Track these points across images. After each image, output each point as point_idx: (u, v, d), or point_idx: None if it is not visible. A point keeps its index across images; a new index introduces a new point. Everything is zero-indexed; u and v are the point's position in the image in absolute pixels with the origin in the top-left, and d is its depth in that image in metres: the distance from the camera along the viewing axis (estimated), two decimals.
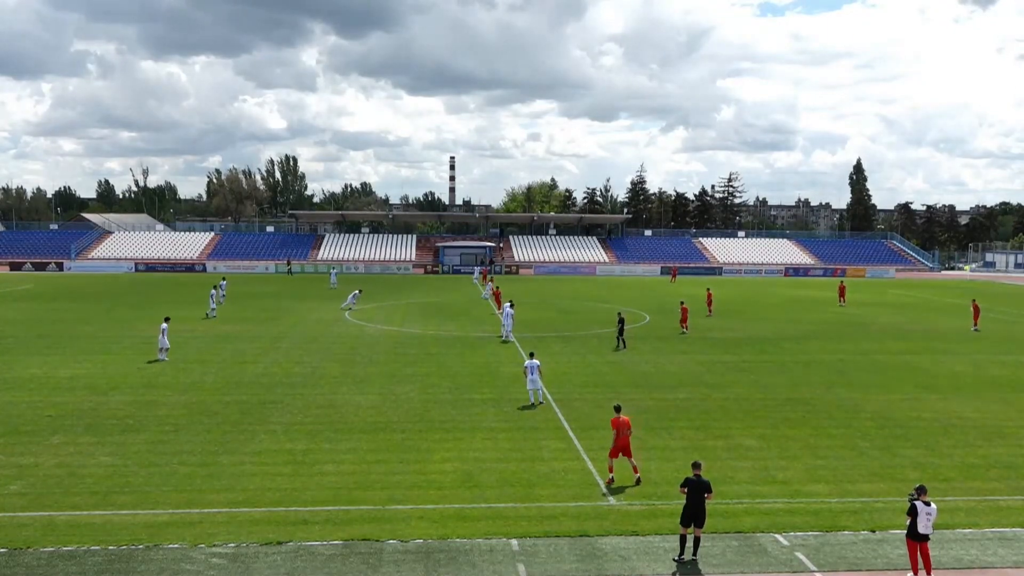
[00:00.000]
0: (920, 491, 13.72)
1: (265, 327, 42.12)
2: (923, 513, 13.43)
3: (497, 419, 23.39)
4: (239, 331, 40.63)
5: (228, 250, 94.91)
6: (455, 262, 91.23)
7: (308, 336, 39.04)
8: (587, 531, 15.26)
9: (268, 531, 15.05)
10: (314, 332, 40.31)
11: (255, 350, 34.71)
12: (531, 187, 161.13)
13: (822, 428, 22.79)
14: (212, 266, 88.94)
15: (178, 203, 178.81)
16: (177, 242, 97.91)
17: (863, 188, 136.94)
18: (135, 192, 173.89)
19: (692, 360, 33.28)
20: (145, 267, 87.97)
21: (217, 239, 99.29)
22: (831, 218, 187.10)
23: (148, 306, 51.77)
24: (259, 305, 53.13)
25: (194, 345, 35.92)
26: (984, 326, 46.08)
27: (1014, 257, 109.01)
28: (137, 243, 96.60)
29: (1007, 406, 25.77)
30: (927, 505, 13.47)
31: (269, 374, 29.28)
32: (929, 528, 13.48)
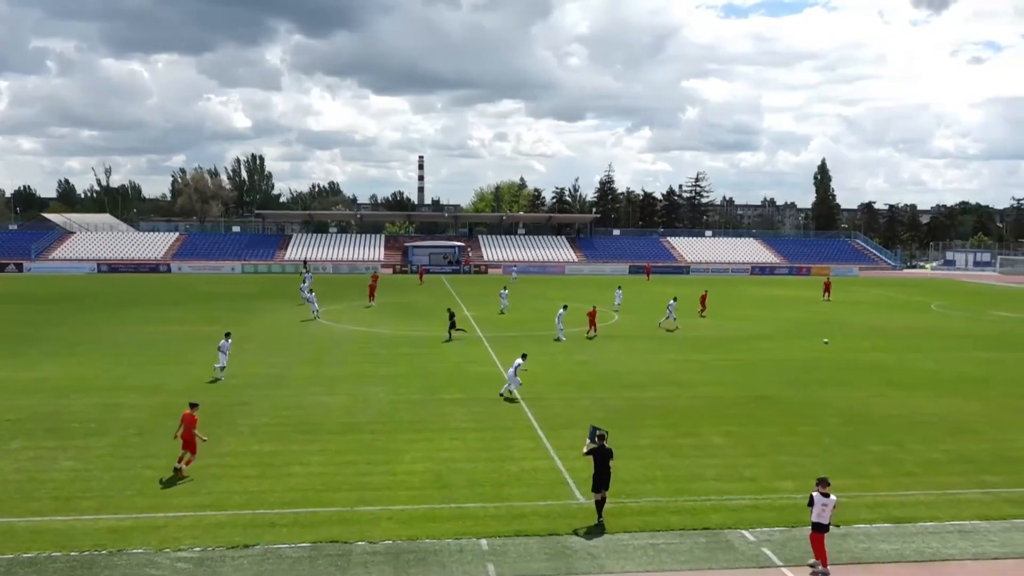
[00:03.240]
0: (820, 483, 14.04)
1: (232, 328, 41.56)
2: (819, 503, 13.83)
3: (467, 419, 23.35)
4: (206, 332, 40.09)
5: (193, 250, 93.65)
6: (424, 262, 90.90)
7: (276, 337, 38.67)
8: (556, 530, 15.29)
9: (235, 534, 14.88)
10: (282, 333, 39.93)
11: None
12: (500, 187, 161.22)
13: (790, 425, 23.07)
14: (177, 267, 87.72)
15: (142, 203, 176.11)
16: (141, 242, 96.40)
17: (827, 188, 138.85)
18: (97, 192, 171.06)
19: (662, 359, 33.50)
20: (108, 268, 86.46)
21: (182, 239, 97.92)
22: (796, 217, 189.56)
23: (112, 307, 50.93)
24: (227, 306, 52.50)
25: (161, 346, 35.40)
26: (946, 324, 47.05)
27: (973, 255, 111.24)
28: (100, 243, 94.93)
29: (970, 401, 26.29)
30: (825, 496, 13.79)
31: (236, 376, 28.95)
32: (824, 518, 13.78)
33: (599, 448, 15.80)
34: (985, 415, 24.48)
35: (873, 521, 15.97)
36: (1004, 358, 35.10)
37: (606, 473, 15.70)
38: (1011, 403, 26.16)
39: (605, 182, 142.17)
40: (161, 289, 65.09)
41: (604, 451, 15.76)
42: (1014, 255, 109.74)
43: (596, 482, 15.75)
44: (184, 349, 34.85)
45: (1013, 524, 15.93)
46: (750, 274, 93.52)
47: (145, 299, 56.70)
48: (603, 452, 15.75)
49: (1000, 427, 23.10)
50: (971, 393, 27.60)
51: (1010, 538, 15.29)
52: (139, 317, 46.04)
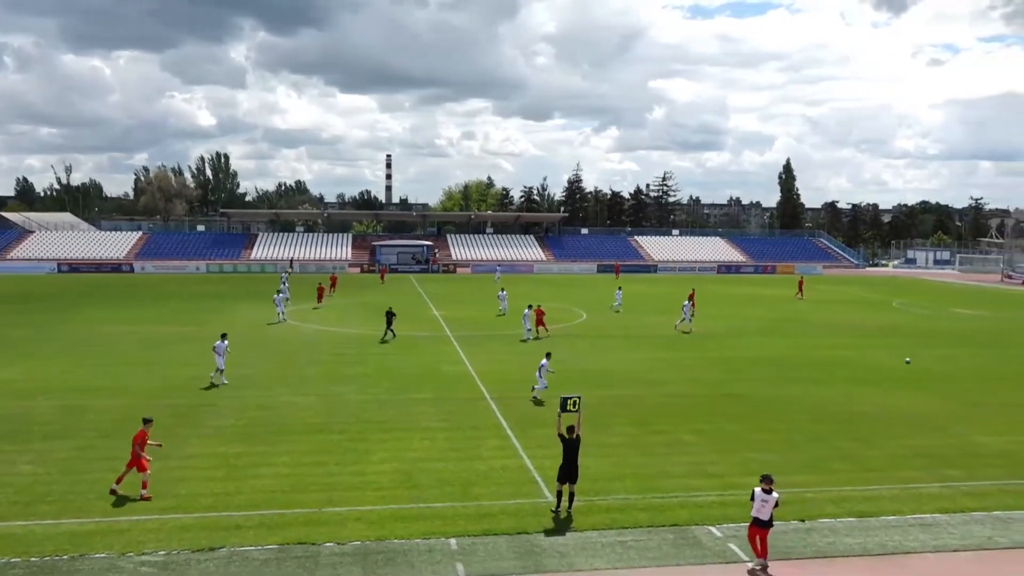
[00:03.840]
0: (764, 480, 14.27)
1: (200, 328, 41.10)
2: (759, 500, 14.07)
3: (436, 419, 23.30)
4: (172, 333, 39.58)
5: (157, 250, 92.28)
6: (392, 261, 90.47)
7: (244, 337, 38.19)
8: (525, 528, 15.31)
9: (200, 537, 14.69)
10: (250, 333, 39.49)
11: (189, 352, 33.82)
12: (468, 186, 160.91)
13: (757, 422, 23.33)
14: (140, 266, 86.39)
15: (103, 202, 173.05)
16: (103, 242, 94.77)
17: (792, 187, 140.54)
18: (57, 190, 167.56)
19: (632, 357, 33.68)
20: (68, 268, 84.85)
21: (145, 239, 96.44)
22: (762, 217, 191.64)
23: (74, 308, 50.02)
24: (192, 306, 51.83)
25: (126, 348, 34.84)
26: (909, 321, 47.91)
27: (933, 254, 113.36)
28: (60, 243, 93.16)
29: (933, 397, 26.79)
30: (766, 493, 14.03)
31: (203, 377, 28.57)
32: (763, 514, 13.99)
33: (567, 440, 16.07)
34: (946, 411, 24.96)
35: (838, 516, 16.21)
36: (963, 354, 35.82)
37: (574, 466, 15.90)
38: (971, 399, 26.71)
39: (573, 181, 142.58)
40: (124, 289, 64.07)
41: (571, 443, 16.01)
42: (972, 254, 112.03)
43: (562, 474, 15.97)
44: (149, 350, 34.33)
45: (971, 517, 16.27)
46: (717, 273, 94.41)
47: (108, 299, 55.78)
48: (570, 444, 15.99)
49: (960, 422, 23.57)
50: (933, 389, 28.13)
51: (968, 531, 15.61)
52: (102, 318, 45.27)
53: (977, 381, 29.76)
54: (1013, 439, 21.83)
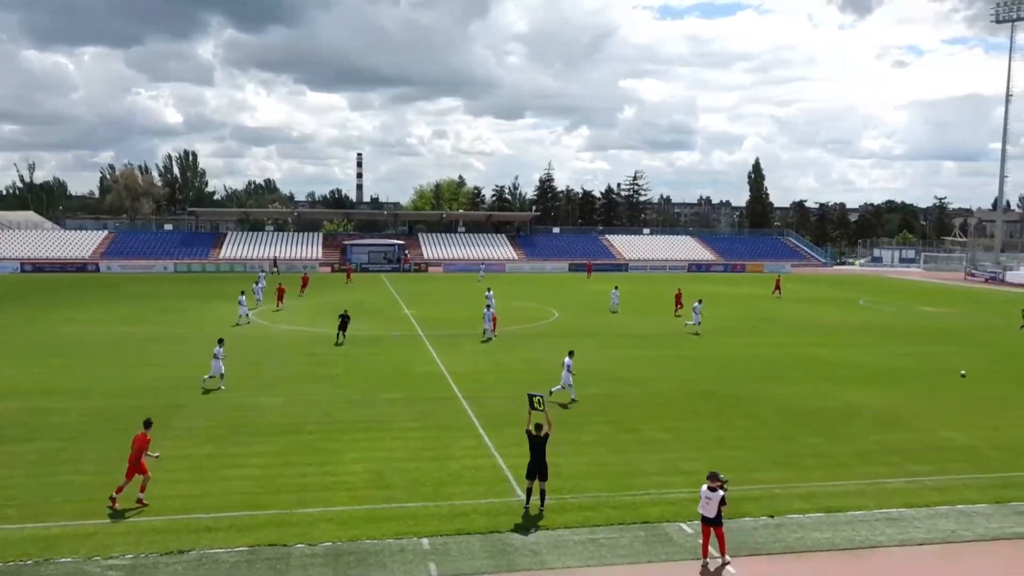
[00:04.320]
0: (709, 477, 14.36)
1: (169, 328, 40.60)
2: (703, 497, 14.15)
3: (408, 418, 23.23)
4: (140, 333, 39.04)
5: (123, 249, 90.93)
6: (363, 260, 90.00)
7: (214, 338, 37.75)
8: (498, 527, 15.32)
9: (169, 540, 14.51)
10: (219, 334, 38.99)
11: (157, 353, 33.44)
12: (439, 184, 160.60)
13: (729, 420, 23.55)
14: (106, 266, 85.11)
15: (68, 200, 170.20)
16: (67, 241, 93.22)
17: (761, 187, 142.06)
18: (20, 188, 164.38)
19: (604, 356, 33.81)
20: (32, 267, 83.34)
21: (111, 238, 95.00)
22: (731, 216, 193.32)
23: (39, 308, 49.14)
24: (160, 306, 51.16)
25: (92, 348, 34.31)
26: (875, 319, 48.61)
27: (898, 252, 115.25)
28: (23, 242, 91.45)
29: (898, 393, 27.21)
30: (711, 491, 14.07)
31: (172, 377, 28.25)
32: (709, 511, 14.06)
33: (533, 436, 16.21)
34: (912, 407, 25.37)
35: (806, 511, 16.41)
36: (929, 351, 36.43)
37: (541, 462, 16.02)
38: (936, 395, 27.17)
39: (545, 180, 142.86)
40: (90, 289, 63.07)
41: (538, 440, 16.15)
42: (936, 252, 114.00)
43: (530, 471, 16.11)
44: (116, 351, 33.85)
45: (936, 511, 16.55)
46: (687, 271, 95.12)
47: (73, 300, 54.88)
48: (537, 441, 16.13)
49: (925, 418, 23.98)
50: (899, 385, 28.58)
51: (934, 524, 15.89)
52: (67, 318, 44.55)
53: (942, 377, 30.28)
54: (976, 434, 22.26)
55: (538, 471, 16.05)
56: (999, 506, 16.87)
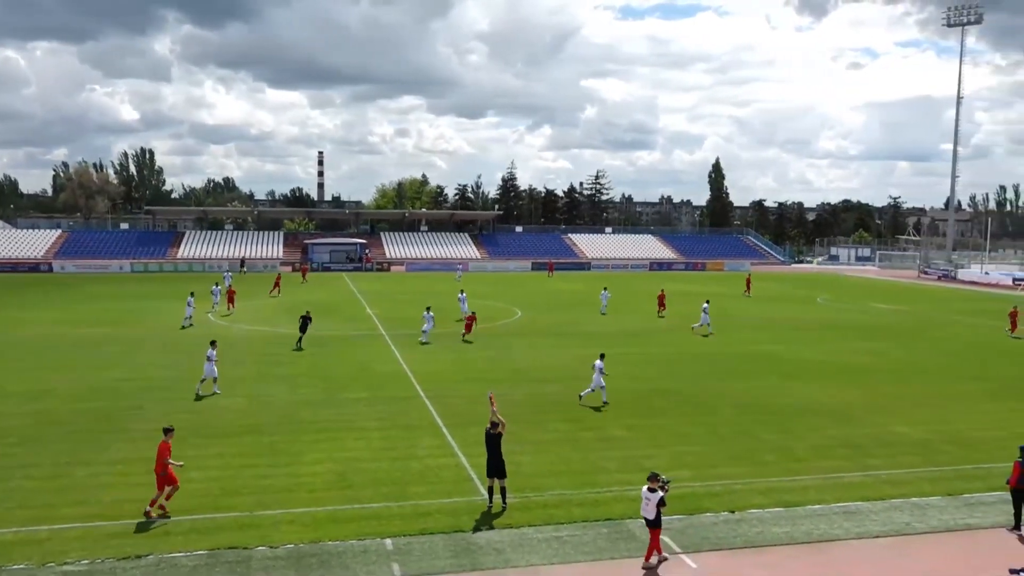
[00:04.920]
0: (649, 478, 14.33)
1: (124, 329, 39.86)
2: (643, 498, 14.11)
3: (370, 418, 23.10)
4: (95, 334, 38.25)
5: (77, 249, 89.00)
6: (325, 259, 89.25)
7: (171, 338, 37.26)
8: (461, 526, 15.31)
9: (126, 544, 14.26)
10: (177, 334, 38.50)
11: (113, 354, 32.81)
12: (402, 183, 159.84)
13: (689, 416, 23.80)
14: (60, 265, 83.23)
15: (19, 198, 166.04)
16: (19, 240, 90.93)
17: (721, 186, 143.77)
18: None
19: (566, 354, 33.94)
20: None
21: (65, 237, 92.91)
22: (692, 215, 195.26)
23: None
24: (116, 307, 50.19)
25: (45, 350, 33.54)
26: (832, 316, 49.42)
27: (855, 251, 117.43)
28: None
29: (854, 390, 27.74)
30: (651, 492, 14.02)
31: (129, 379, 27.75)
32: (648, 513, 14.00)
33: (488, 435, 16.25)
34: (867, 402, 25.88)
35: (765, 506, 16.65)
36: (883, 348, 37.18)
37: (498, 459, 16.08)
38: (890, 391, 27.75)
39: (507, 179, 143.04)
40: (43, 290, 61.66)
41: (492, 437, 16.19)
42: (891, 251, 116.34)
43: (489, 469, 16.18)
44: (70, 352, 33.14)
45: (891, 504, 16.92)
46: (649, 270, 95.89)
47: (26, 300, 53.63)
48: (491, 438, 16.18)
49: (880, 413, 24.47)
50: (855, 382, 29.13)
51: (889, 517, 16.23)
52: (19, 319, 43.51)
53: (895, 373, 30.94)
54: (929, 428, 22.78)
55: (496, 468, 16.11)
56: (951, 498, 17.30)
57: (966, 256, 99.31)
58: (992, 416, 24.44)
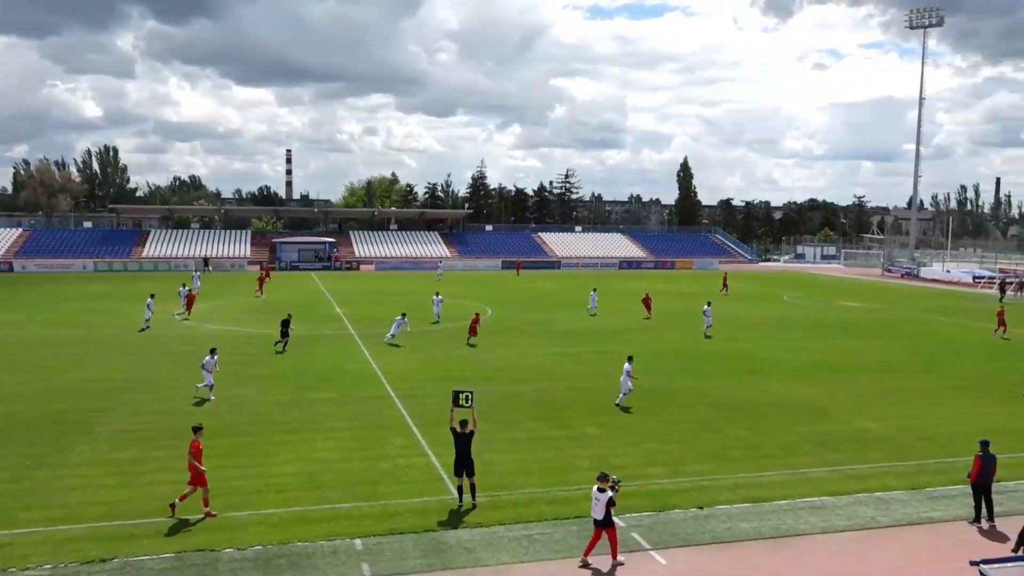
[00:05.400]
0: (599, 477, 14.26)
1: (90, 330, 39.21)
2: (593, 498, 14.05)
3: (341, 418, 22.98)
4: (61, 335, 37.58)
5: (39, 248, 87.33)
6: (293, 258, 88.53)
7: (138, 339, 36.72)
8: (431, 526, 15.30)
9: (91, 548, 14.04)
10: (145, 334, 37.94)
11: (79, 355, 32.28)
12: (371, 182, 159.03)
13: (659, 414, 23.96)
14: (21, 265, 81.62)
15: None
16: None
17: (690, 185, 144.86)
18: None
19: (539, 353, 34.01)
20: None
21: (26, 236, 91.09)
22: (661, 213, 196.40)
23: None
24: (81, 307, 49.36)
25: (9, 351, 32.88)
26: (799, 314, 50.03)
27: (820, 249, 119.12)
28: None
29: (820, 386, 28.13)
30: (600, 492, 13.92)
31: (94, 380, 27.31)
32: (597, 513, 13.89)
33: (459, 433, 16.29)
34: (833, 399, 26.26)
35: (734, 502, 16.83)
36: (848, 345, 37.75)
37: (467, 458, 16.13)
38: (855, 387, 28.18)
39: (477, 178, 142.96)
40: (4, 290, 60.43)
41: (463, 436, 16.24)
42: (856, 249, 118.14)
43: (457, 467, 16.22)
44: (33, 353, 32.55)
45: (856, 498, 17.19)
46: (618, 268, 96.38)
47: None
48: (461, 437, 16.22)
49: (845, 409, 24.85)
50: (821, 378, 29.54)
51: (854, 511, 16.49)
52: None
53: (860, 370, 31.42)
54: (892, 424, 23.18)
55: (465, 467, 16.15)
56: (915, 492, 17.61)
57: (928, 254, 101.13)
58: (955, 411, 24.93)
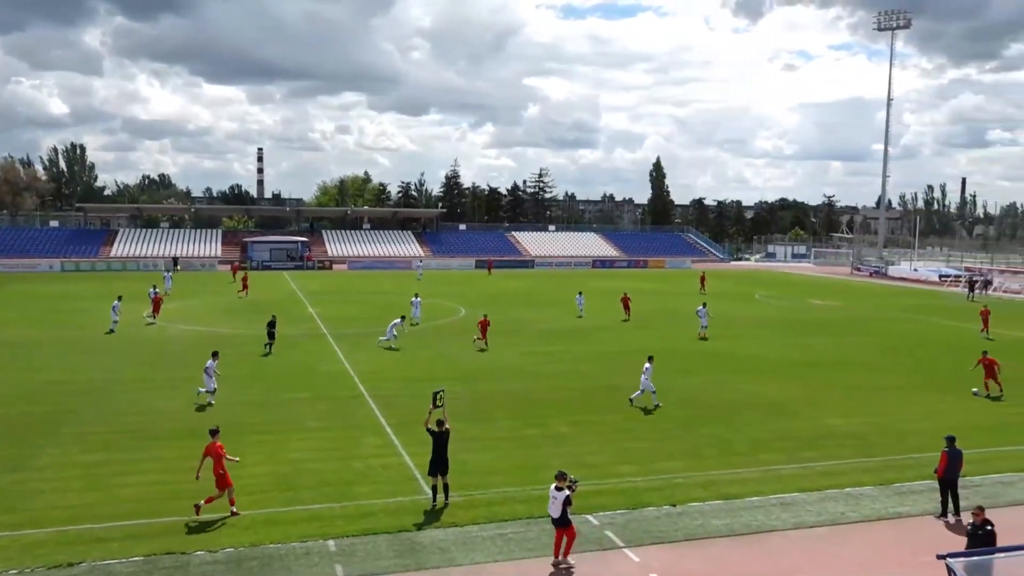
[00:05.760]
0: (557, 476, 14.14)
1: (57, 331, 38.57)
2: (551, 497, 13.97)
3: (313, 419, 22.83)
4: (26, 336, 36.94)
5: (4, 247, 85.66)
6: (265, 258, 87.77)
7: (105, 339, 36.19)
8: (405, 526, 15.24)
9: (57, 553, 13.82)
10: (112, 335, 37.37)
11: (45, 356, 31.74)
12: (344, 180, 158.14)
13: (632, 413, 24.07)
14: None
15: None
16: None
17: (662, 185, 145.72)
18: None
19: (512, 352, 34.01)
20: None
21: None
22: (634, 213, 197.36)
23: None
24: (47, 307, 48.53)
25: None
26: (770, 313, 50.48)
27: (791, 248, 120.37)
28: None
29: (791, 384, 28.42)
30: (558, 491, 13.85)
31: (61, 382, 26.88)
32: (553, 511, 13.83)
33: (436, 433, 16.25)
34: (803, 396, 26.55)
35: (706, 499, 16.96)
36: (817, 343, 38.19)
37: (443, 458, 16.12)
38: (825, 384, 28.52)
39: (451, 177, 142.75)
40: None
41: (441, 435, 16.23)
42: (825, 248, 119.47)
43: (432, 466, 16.18)
44: None
45: (826, 494, 17.39)
46: (592, 267, 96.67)
47: None
48: (440, 436, 16.23)
49: (815, 407, 25.13)
50: (792, 376, 29.86)
51: (824, 507, 16.69)
52: None
53: (829, 367, 31.81)
54: (860, 420, 23.49)
55: (440, 466, 16.13)
56: (883, 487, 17.87)
57: (896, 253, 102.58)
58: (921, 407, 25.31)
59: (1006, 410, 25.10)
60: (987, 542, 12.15)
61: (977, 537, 12.36)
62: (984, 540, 12.21)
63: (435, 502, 16.23)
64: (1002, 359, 27.63)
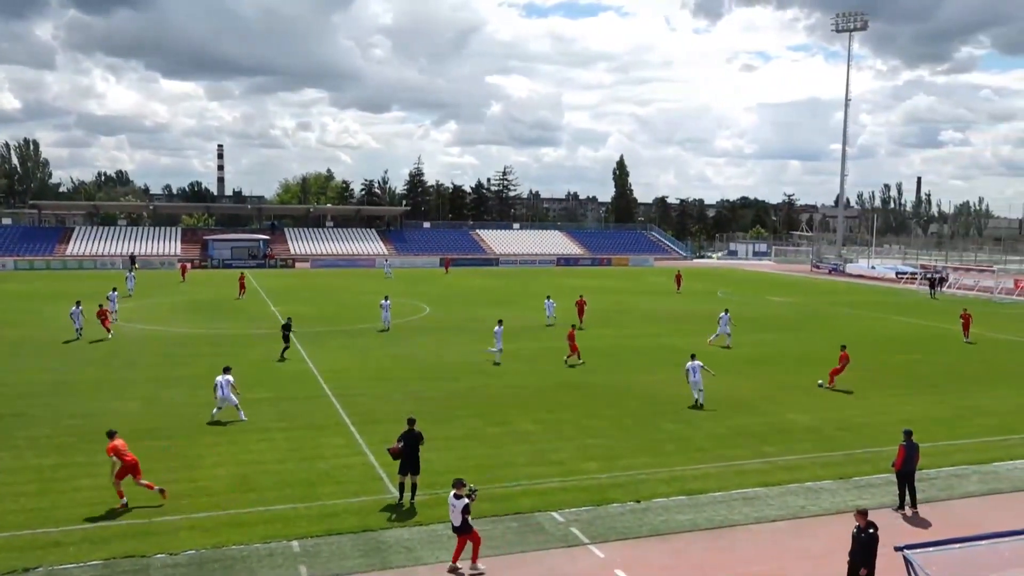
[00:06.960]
0: (454, 484, 13.78)
1: (8, 331, 37.61)
2: (450, 505, 13.62)
3: (275, 419, 22.55)
4: None
5: None
6: (226, 256, 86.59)
7: (56, 339, 35.38)
8: (370, 525, 15.14)
9: (11, 558, 13.49)
10: (64, 335, 36.53)
11: None
12: (306, 178, 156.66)
13: (593, 409, 24.17)
14: None
15: None
16: None
17: (625, 183, 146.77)
18: None
19: (473, 350, 33.95)
20: None
21: None
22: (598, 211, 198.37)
23: None
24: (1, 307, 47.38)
25: None
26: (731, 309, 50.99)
27: (752, 246, 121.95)
28: None
29: (750, 380, 28.76)
30: (456, 499, 13.52)
31: (8, 384, 26.22)
32: (454, 519, 13.55)
33: (408, 432, 16.17)
34: (762, 392, 26.89)
35: (670, 495, 17.09)
36: (776, 339, 38.73)
37: (415, 458, 16.07)
38: (784, 380, 28.90)
39: (414, 175, 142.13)
40: None
41: (413, 435, 16.17)
42: (786, 246, 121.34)
43: (403, 466, 16.11)
44: None
45: (787, 489, 17.64)
46: (556, 265, 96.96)
47: None
48: (412, 436, 16.15)
49: (774, 403, 25.47)
50: (751, 372, 30.23)
51: (785, 502, 16.92)
52: None
53: (787, 363, 32.27)
54: (818, 415, 23.85)
55: (411, 465, 16.06)
56: (842, 481, 18.16)
57: (854, 251, 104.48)
58: (877, 402, 25.78)
59: (961, 404, 25.68)
60: (869, 545, 12.37)
61: (861, 540, 12.54)
62: (867, 543, 12.42)
63: (401, 500, 16.15)
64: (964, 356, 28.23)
